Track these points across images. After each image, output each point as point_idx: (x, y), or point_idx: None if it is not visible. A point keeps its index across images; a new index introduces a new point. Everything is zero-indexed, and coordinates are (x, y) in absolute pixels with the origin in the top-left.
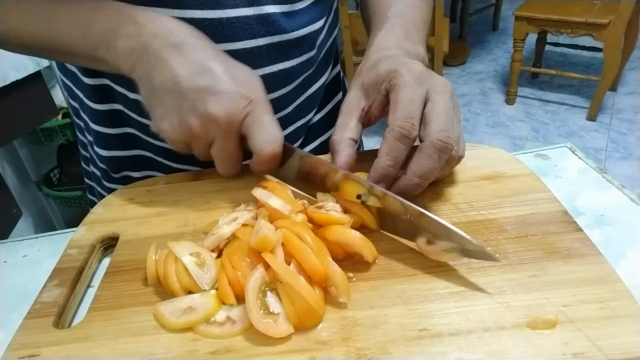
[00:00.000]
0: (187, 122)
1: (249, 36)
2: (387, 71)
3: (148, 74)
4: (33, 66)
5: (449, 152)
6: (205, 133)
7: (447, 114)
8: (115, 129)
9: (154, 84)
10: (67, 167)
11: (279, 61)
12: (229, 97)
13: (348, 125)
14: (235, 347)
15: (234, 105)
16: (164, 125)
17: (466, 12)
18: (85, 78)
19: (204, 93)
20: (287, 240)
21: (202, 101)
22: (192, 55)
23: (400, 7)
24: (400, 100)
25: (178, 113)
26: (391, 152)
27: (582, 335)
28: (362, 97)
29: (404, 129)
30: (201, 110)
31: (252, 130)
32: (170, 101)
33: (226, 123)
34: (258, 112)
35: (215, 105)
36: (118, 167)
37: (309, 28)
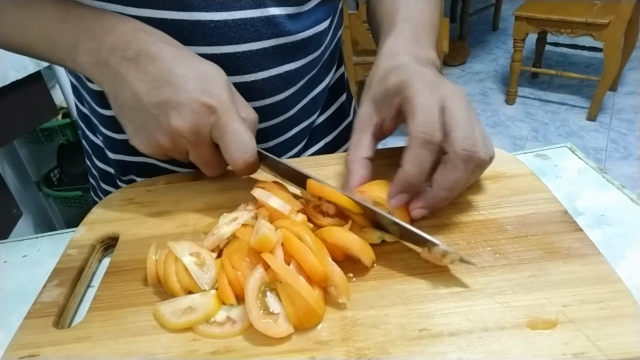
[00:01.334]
0: (155, 137)
1: (255, 38)
2: (397, 83)
3: (113, 91)
4: (33, 66)
5: (474, 160)
6: (175, 146)
7: (467, 121)
8: (122, 135)
9: (119, 101)
10: (67, 167)
11: (284, 63)
12: (190, 108)
13: (362, 143)
14: (235, 347)
15: (197, 117)
16: (136, 142)
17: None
18: (90, 83)
19: (165, 107)
20: (286, 241)
21: (165, 116)
22: (148, 68)
23: (409, 11)
24: (417, 108)
25: (145, 130)
26: (416, 160)
27: (582, 335)
28: (373, 112)
29: (427, 134)
30: (165, 125)
31: (221, 141)
32: (136, 118)
33: (192, 135)
34: (224, 120)
35: (177, 119)
36: (125, 171)
37: (314, 29)
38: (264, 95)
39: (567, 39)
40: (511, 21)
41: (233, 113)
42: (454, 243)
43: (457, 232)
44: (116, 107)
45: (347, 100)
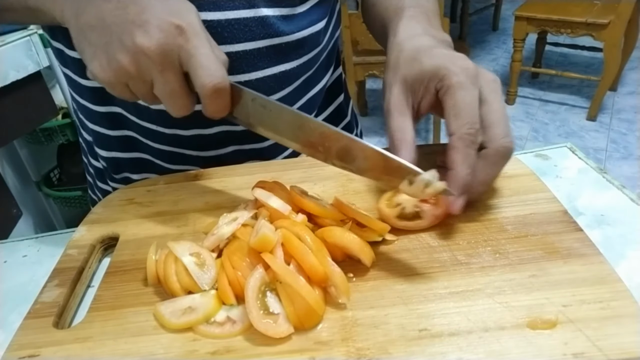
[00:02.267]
0: (117, 59)
1: (248, 38)
2: (434, 67)
3: (75, 13)
4: (33, 66)
5: (510, 156)
6: (138, 70)
7: (505, 117)
8: (115, 131)
9: (80, 22)
10: (67, 167)
11: (278, 63)
12: (157, 27)
13: (406, 126)
14: (235, 347)
15: (164, 35)
16: (94, 66)
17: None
18: (83, 80)
19: (131, 25)
20: (286, 241)
21: (129, 34)
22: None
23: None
24: (460, 105)
25: (106, 50)
26: (466, 161)
27: (582, 335)
28: (408, 93)
29: (472, 135)
30: (129, 43)
31: (190, 64)
32: (97, 39)
33: (158, 55)
34: (193, 44)
35: (143, 37)
36: (117, 168)
37: (309, 30)
38: None
39: (567, 39)
40: (511, 21)
41: (203, 37)
42: (454, 243)
43: (457, 232)
44: (76, 31)
45: (345, 101)
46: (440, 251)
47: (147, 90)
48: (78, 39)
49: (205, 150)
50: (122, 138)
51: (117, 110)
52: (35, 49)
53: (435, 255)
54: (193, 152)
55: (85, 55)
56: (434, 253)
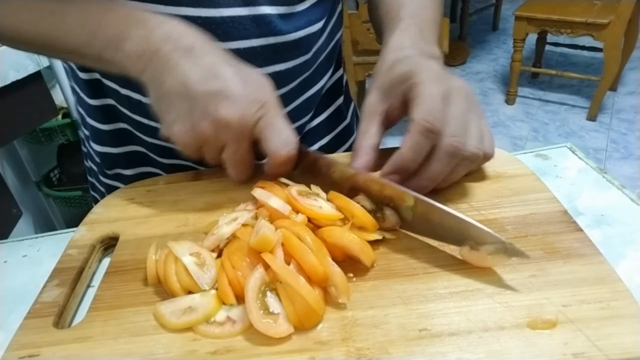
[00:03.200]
0: (199, 126)
1: (243, 36)
2: (404, 72)
3: (158, 78)
4: (33, 66)
5: (458, 156)
6: (217, 137)
7: (460, 117)
8: (109, 125)
9: (164, 88)
10: (67, 167)
11: (273, 63)
12: (241, 101)
13: (369, 132)
14: (235, 347)
15: (246, 109)
16: (175, 129)
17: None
18: (80, 72)
19: (216, 97)
20: (286, 241)
21: (214, 105)
22: (202, 60)
23: (414, 8)
24: (422, 95)
25: (190, 117)
26: (414, 146)
27: (582, 335)
28: (380, 100)
29: (429, 122)
30: (213, 114)
31: (265, 133)
32: (182, 105)
33: (239, 126)
34: (270, 115)
35: (228, 109)
36: (110, 164)
37: (306, 30)
38: None
39: (567, 39)
40: (511, 21)
41: (279, 111)
42: None
43: None
44: (158, 95)
45: (345, 103)
46: (440, 251)
47: (217, 155)
48: (159, 102)
49: None
50: (115, 131)
51: (110, 103)
52: None
53: (435, 255)
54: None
55: (166, 118)
56: (434, 253)
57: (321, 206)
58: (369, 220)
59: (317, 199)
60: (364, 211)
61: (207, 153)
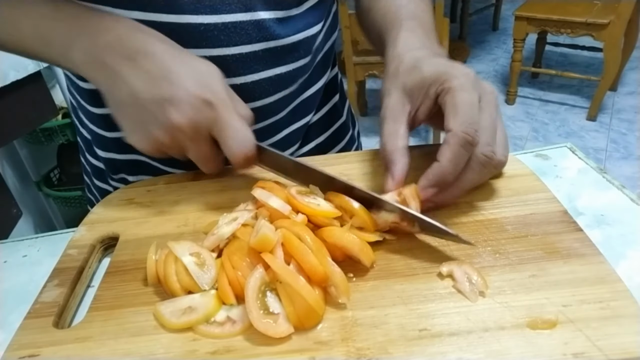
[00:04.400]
0: (153, 134)
1: (244, 41)
2: (435, 73)
3: (108, 89)
4: (33, 66)
5: (490, 166)
6: (173, 142)
7: (492, 126)
8: (112, 133)
9: (115, 99)
10: (67, 167)
11: (274, 66)
12: (189, 104)
13: (399, 133)
14: (235, 347)
15: (195, 111)
16: (133, 139)
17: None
18: (80, 82)
19: (164, 103)
20: (286, 241)
21: (163, 112)
22: (146, 66)
23: (412, 10)
24: (461, 105)
25: (143, 127)
26: (455, 159)
27: (582, 335)
28: (406, 100)
29: (469, 135)
30: (164, 121)
31: (220, 136)
32: (134, 116)
33: (191, 130)
34: (222, 115)
35: (177, 115)
36: (115, 169)
37: (304, 33)
38: (254, 98)
39: (567, 39)
40: (511, 21)
41: (231, 108)
42: (453, 243)
43: (457, 232)
44: (113, 105)
45: (341, 102)
46: (440, 251)
47: (181, 154)
48: (115, 113)
49: None
50: (118, 140)
51: None
52: None
53: (435, 255)
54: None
55: (124, 128)
56: (434, 253)
57: (319, 204)
58: (369, 218)
59: (315, 197)
60: (364, 210)
61: (171, 154)
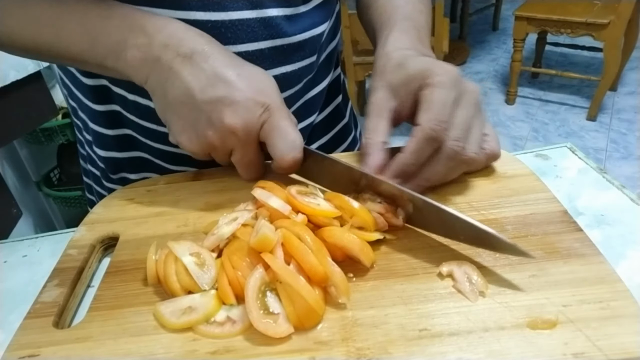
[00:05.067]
0: (205, 135)
1: (251, 39)
2: (419, 70)
3: (161, 87)
4: (33, 66)
5: (457, 160)
6: (223, 144)
7: (466, 123)
8: (114, 130)
9: (168, 97)
10: (67, 167)
11: (280, 65)
12: (244, 106)
13: (379, 128)
14: (235, 347)
15: (250, 114)
16: (182, 138)
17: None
18: (84, 78)
19: (219, 104)
20: (286, 241)
21: (218, 113)
22: (203, 65)
23: (409, 11)
24: (435, 101)
25: (195, 127)
26: (417, 152)
27: (582, 335)
28: (390, 97)
29: (435, 131)
30: (218, 122)
31: (270, 137)
32: (186, 115)
33: (244, 133)
34: (275, 118)
35: (232, 116)
36: (116, 168)
37: (311, 32)
38: None
39: (567, 39)
40: (511, 21)
41: (284, 112)
42: (454, 243)
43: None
44: (163, 104)
45: (344, 102)
46: (440, 251)
47: (226, 158)
48: (165, 111)
49: None
50: (120, 137)
51: (116, 109)
52: None
53: (435, 255)
54: None
55: (172, 127)
56: (434, 253)
57: (319, 203)
58: (369, 218)
59: (315, 197)
60: (364, 209)
61: (216, 157)
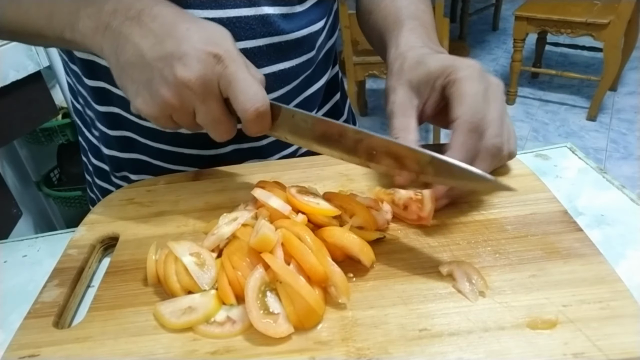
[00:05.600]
0: (160, 93)
1: (249, 36)
2: (440, 67)
3: (114, 53)
4: (33, 66)
5: (499, 156)
6: (181, 102)
7: (501, 118)
8: (115, 131)
9: (121, 61)
10: (67, 167)
11: (278, 62)
12: (196, 58)
13: (411, 127)
14: (235, 347)
15: (203, 65)
16: (138, 102)
17: (466, 12)
18: (86, 79)
19: (170, 59)
20: (286, 241)
21: (170, 68)
22: (151, 25)
23: (413, 11)
24: (467, 94)
25: (148, 86)
26: (464, 145)
27: (582, 335)
28: (413, 95)
29: (475, 122)
30: (170, 77)
31: (230, 90)
32: (139, 76)
33: (199, 86)
34: (232, 69)
35: (183, 69)
36: (118, 167)
37: (308, 29)
38: None
39: (567, 39)
40: (511, 21)
41: (240, 62)
42: (454, 243)
43: (457, 232)
44: (117, 69)
45: (342, 100)
46: (440, 251)
47: (190, 120)
48: (120, 77)
49: (205, 149)
50: (121, 138)
51: (116, 111)
52: (35, 49)
53: (435, 255)
54: (193, 151)
55: (128, 92)
56: (434, 253)
57: (318, 202)
58: (369, 217)
59: (315, 196)
60: (364, 208)
61: (179, 121)
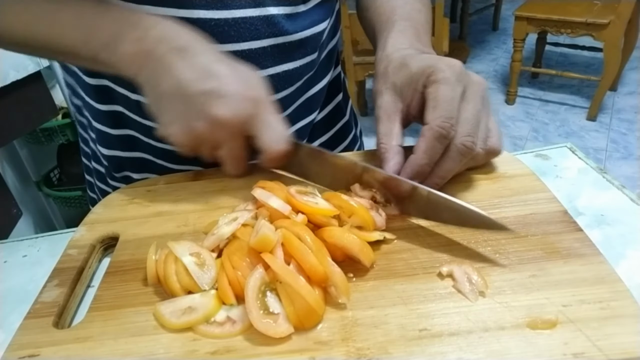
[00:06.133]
0: (195, 126)
1: (254, 37)
2: (422, 67)
3: (153, 80)
4: (33, 66)
5: (469, 155)
6: (212, 136)
7: (476, 117)
8: (116, 130)
9: (160, 89)
10: (67, 167)
11: (282, 62)
12: (234, 99)
13: (393, 131)
14: (235, 347)
15: (239, 107)
16: (171, 130)
17: (466, 12)
18: (87, 78)
19: (210, 96)
20: (286, 241)
21: (209, 105)
22: (196, 59)
23: (407, 11)
24: (441, 99)
25: (185, 118)
26: (428, 151)
27: (582, 335)
28: (397, 99)
29: (444, 129)
30: (208, 113)
31: (258, 130)
32: (177, 106)
33: (233, 125)
34: (263, 112)
35: (222, 108)
36: (119, 167)
37: (312, 30)
38: None
39: (567, 39)
40: (511, 21)
41: (271, 107)
42: (454, 243)
43: (457, 231)
44: (154, 96)
45: (344, 101)
46: (441, 251)
47: (211, 153)
48: (156, 103)
49: None
50: (123, 137)
51: (119, 109)
52: None
53: (435, 255)
54: None
55: (162, 118)
56: (434, 253)
57: (317, 202)
58: (368, 217)
59: (314, 196)
60: (364, 208)
61: (203, 151)
